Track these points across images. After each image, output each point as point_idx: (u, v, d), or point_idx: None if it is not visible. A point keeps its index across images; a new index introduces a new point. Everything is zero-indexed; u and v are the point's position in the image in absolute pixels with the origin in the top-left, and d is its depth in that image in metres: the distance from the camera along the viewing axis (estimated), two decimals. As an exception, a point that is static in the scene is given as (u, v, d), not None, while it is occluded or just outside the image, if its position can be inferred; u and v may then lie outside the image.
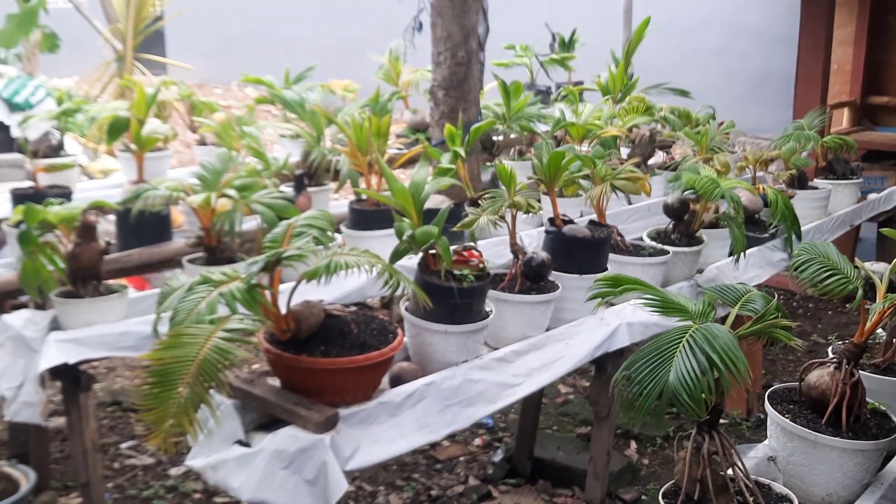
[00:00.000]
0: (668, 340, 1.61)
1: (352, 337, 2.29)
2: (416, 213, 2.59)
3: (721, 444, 1.72)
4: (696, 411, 1.57)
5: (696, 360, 1.55)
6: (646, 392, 1.58)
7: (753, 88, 8.50)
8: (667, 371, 1.55)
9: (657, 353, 1.60)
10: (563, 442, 3.79)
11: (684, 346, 1.57)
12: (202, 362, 1.94)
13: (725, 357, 1.54)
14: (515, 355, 2.74)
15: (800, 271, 1.93)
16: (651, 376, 1.57)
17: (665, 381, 1.55)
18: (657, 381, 1.56)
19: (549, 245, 3.04)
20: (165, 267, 3.85)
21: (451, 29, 4.51)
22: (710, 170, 3.52)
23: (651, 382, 1.57)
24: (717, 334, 1.58)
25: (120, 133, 3.70)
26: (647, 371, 1.58)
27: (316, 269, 2.10)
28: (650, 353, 1.61)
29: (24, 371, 2.84)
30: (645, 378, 1.58)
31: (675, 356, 1.56)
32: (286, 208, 3.08)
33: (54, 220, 2.91)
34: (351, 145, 3.73)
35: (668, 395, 1.57)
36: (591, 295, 1.96)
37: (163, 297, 2.28)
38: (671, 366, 1.55)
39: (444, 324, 2.53)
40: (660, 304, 1.80)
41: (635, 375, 1.60)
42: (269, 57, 10.70)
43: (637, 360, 1.63)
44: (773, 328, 1.74)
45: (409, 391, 2.42)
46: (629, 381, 1.61)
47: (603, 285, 1.91)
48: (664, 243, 3.46)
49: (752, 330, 1.75)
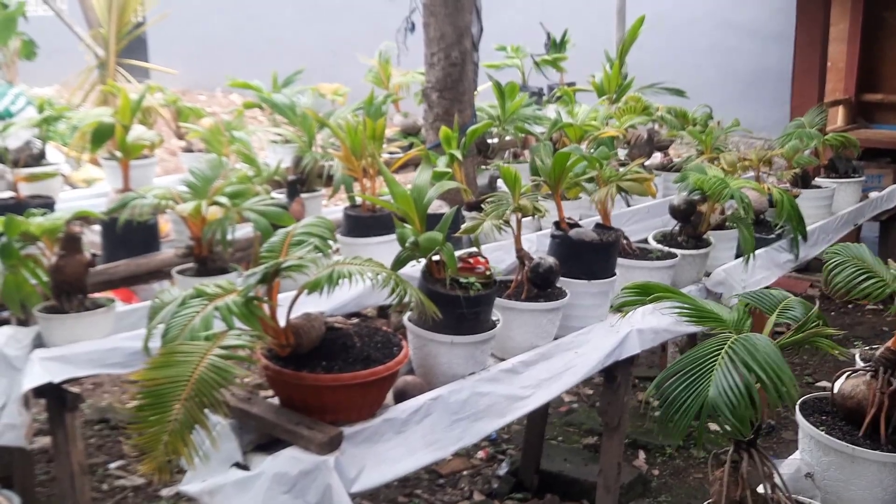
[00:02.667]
0: (704, 353, 1.49)
1: (355, 351, 2.17)
2: (419, 218, 2.46)
3: (761, 462, 1.60)
4: (740, 430, 1.46)
5: (738, 374, 1.43)
6: (683, 409, 1.45)
7: (746, 87, 8.43)
8: (705, 386, 1.43)
9: (693, 366, 1.48)
10: (569, 453, 3.67)
11: (724, 358, 1.45)
12: (198, 382, 1.81)
13: (770, 370, 1.42)
14: (524, 366, 2.62)
15: (834, 274, 1.81)
16: (688, 392, 1.45)
17: (704, 398, 1.43)
18: (695, 397, 1.44)
19: (555, 249, 2.92)
20: (153, 278, 3.71)
21: (445, 29, 4.40)
22: (717, 170, 3.42)
23: (688, 399, 1.45)
24: (758, 345, 1.46)
25: (104, 140, 3.55)
26: (683, 386, 1.46)
27: (318, 279, 1.97)
28: (685, 366, 1.49)
29: (6, 391, 2.70)
30: (681, 394, 1.46)
31: (715, 370, 1.44)
32: (280, 216, 2.94)
33: (37, 231, 2.77)
34: (345, 149, 3.60)
35: (708, 413, 1.44)
36: (619, 304, 1.84)
37: (154, 311, 2.15)
38: (710, 380, 1.43)
39: (451, 334, 2.41)
40: (694, 314, 1.68)
41: (669, 391, 1.48)
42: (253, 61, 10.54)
43: (670, 374, 1.51)
44: (817, 337, 1.62)
45: (415, 406, 2.30)
46: (662, 397, 1.48)
47: (631, 294, 1.79)
48: (671, 246, 3.35)
49: (794, 339, 1.64)
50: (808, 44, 6.25)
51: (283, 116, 4.13)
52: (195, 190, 3.03)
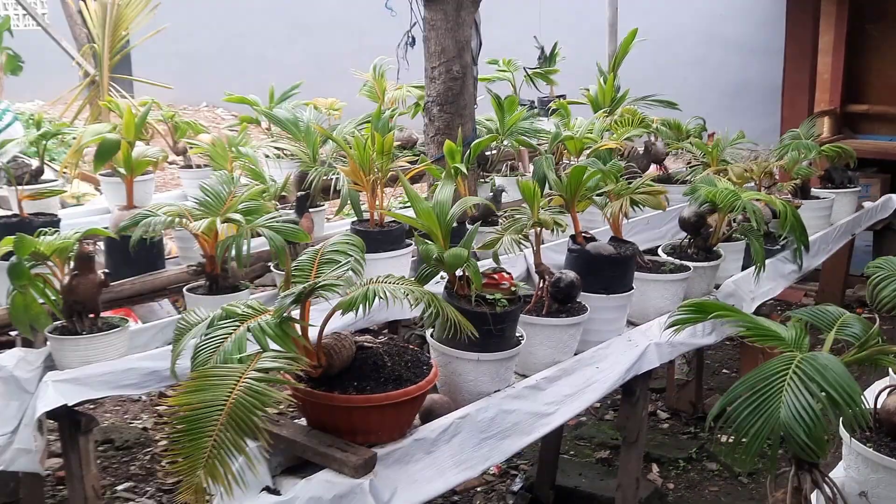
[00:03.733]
0: (769, 373, 1.48)
1: (386, 371, 2.14)
2: (443, 234, 2.44)
3: (825, 483, 1.58)
4: (816, 453, 1.44)
5: (809, 395, 1.41)
6: (753, 433, 1.43)
7: (731, 99, 8.50)
8: (775, 409, 1.41)
9: (759, 388, 1.46)
10: (584, 468, 3.65)
11: (792, 379, 1.44)
12: (235, 406, 1.77)
13: (841, 390, 1.41)
14: (547, 382, 2.60)
15: (880, 288, 1.81)
16: (756, 415, 1.44)
17: (776, 420, 1.41)
18: (765, 419, 1.42)
19: (572, 264, 2.91)
20: (159, 296, 3.67)
21: (446, 43, 4.39)
22: (726, 182, 3.43)
23: (757, 422, 1.43)
24: (827, 364, 1.45)
25: (109, 156, 3.50)
26: (750, 410, 1.45)
27: (352, 298, 1.95)
28: (750, 388, 1.47)
29: (17, 415, 2.64)
30: (749, 418, 1.44)
31: (783, 391, 1.43)
32: (296, 233, 2.92)
33: (47, 250, 2.72)
34: (352, 164, 3.58)
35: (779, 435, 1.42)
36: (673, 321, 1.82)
37: (180, 333, 2.11)
38: (780, 402, 1.41)
39: (477, 352, 2.38)
40: (754, 332, 1.67)
41: (736, 415, 1.46)
42: (237, 77, 10.53)
43: (734, 397, 1.49)
44: (881, 354, 1.62)
45: (444, 426, 2.27)
46: (727, 421, 1.46)
47: (688, 312, 1.78)
48: (681, 258, 3.35)
49: (858, 357, 1.63)
50: (797, 56, 6.31)
51: (285, 131, 4.09)
52: (207, 207, 2.99)
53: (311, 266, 2.13)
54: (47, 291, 2.77)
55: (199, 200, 3.04)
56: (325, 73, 9.74)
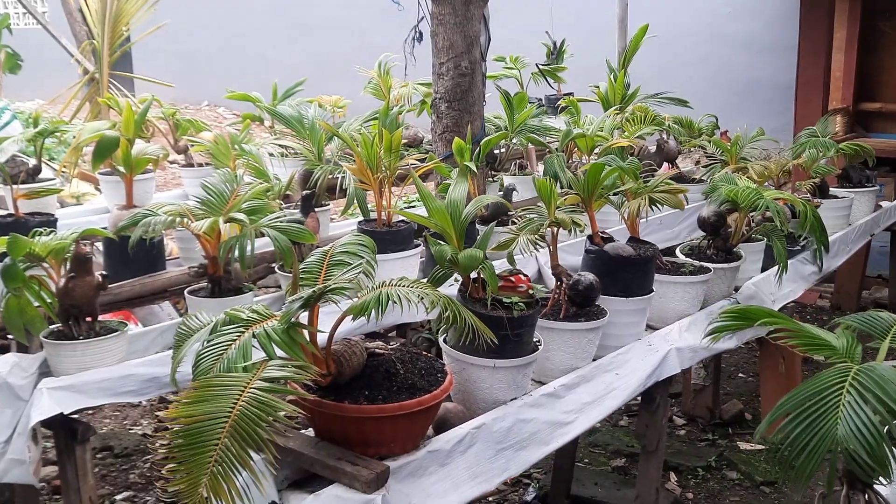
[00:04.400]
0: (823, 386, 1.37)
1: (399, 379, 2.02)
2: (457, 235, 2.33)
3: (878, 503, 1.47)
4: (878, 473, 1.33)
5: (869, 410, 1.30)
6: (809, 451, 1.31)
7: (739, 98, 8.37)
8: (832, 425, 1.30)
9: (813, 402, 1.35)
10: (599, 477, 3.53)
11: (849, 392, 1.32)
12: (239, 418, 1.66)
13: (906, 404, 1.29)
14: (565, 389, 2.49)
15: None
16: (810, 432, 1.32)
17: (833, 438, 1.29)
18: (821, 437, 1.30)
19: (590, 265, 2.80)
20: (159, 299, 3.55)
21: (454, 38, 4.28)
22: (747, 180, 3.31)
23: (812, 439, 1.31)
24: (885, 376, 1.33)
25: (108, 154, 3.38)
26: (805, 426, 1.33)
27: (365, 303, 1.83)
28: (803, 402, 1.36)
29: (10, 423, 2.52)
30: (802, 434, 1.33)
31: (840, 406, 1.31)
32: (302, 233, 2.80)
33: (42, 251, 2.60)
34: (359, 162, 3.46)
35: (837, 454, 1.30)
36: (716, 328, 1.70)
37: (181, 338, 2.00)
38: (836, 418, 1.30)
39: (493, 358, 2.27)
40: (803, 341, 1.55)
41: (788, 431, 1.34)
42: (237, 76, 10.41)
43: (786, 411, 1.37)
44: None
45: (459, 436, 2.15)
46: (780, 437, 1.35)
47: (729, 319, 1.66)
48: (700, 259, 3.23)
49: (919, 368, 1.51)
50: (811, 53, 6.19)
51: (290, 129, 3.98)
52: (209, 206, 2.88)
53: (319, 268, 2.02)
54: (43, 294, 2.66)
55: (201, 199, 2.92)
56: (325, 72, 9.62)
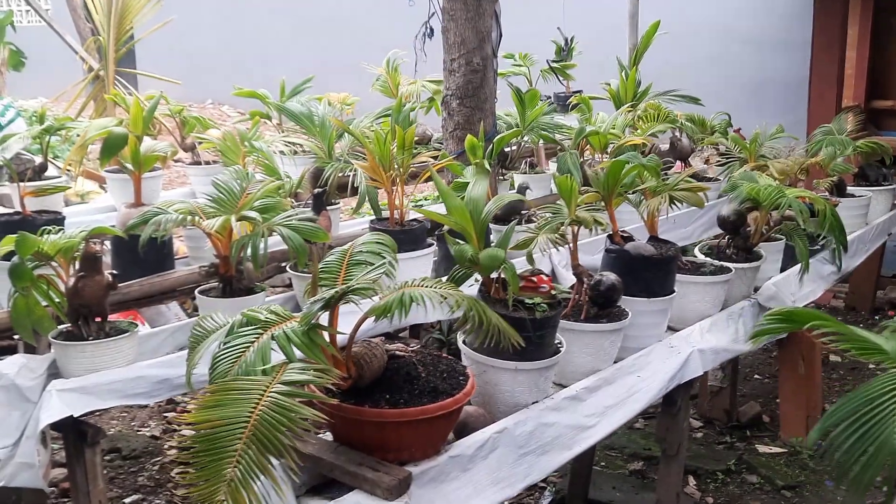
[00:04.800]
0: (877, 392, 1.30)
1: (420, 382, 1.96)
2: (477, 233, 2.26)
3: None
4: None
5: (929, 418, 1.24)
6: (865, 461, 1.25)
7: (749, 95, 8.30)
8: (889, 434, 1.24)
9: (867, 410, 1.29)
10: (616, 481, 3.47)
11: (906, 398, 1.26)
12: (259, 423, 1.60)
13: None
14: (587, 392, 2.43)
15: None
16: (866, 441, 1.26)
17: (889, 445, 1.23)
18: (878, 447, 1.24)
19: (610, 264, 2.73)
20: (168, 299, 3.49)
21: (466, 34, 4.22)
22: (768, 178, 3.25)
23: (867, 449, 1.25)
24: (945, 383, 1.27)
25: (116, 151, 3.32)
26: (859, 434, 1.27)
27: (387, 304, 1.77)
28: (856, 410, 1.30)
29: (19, 426, 2.46)
30: (857, 444, 1.26)
31: (895, 414, 1.25)
32: (315, 232, 2.74)
33: (51, 250, 2.54)
34: (371, 160, 3.40)
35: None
36: (761, 331, 1.64)
37: (195, 340, 1.94)
38: (893, 426, 1.24)
39: (514, 360, 2.20)
40: (854, 345, 1.49)
41: (841, 440, 1.28)
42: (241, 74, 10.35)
43: (838, 419, 1.31)
44: None
45: (481, 441, 2.09)
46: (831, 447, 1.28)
47: (774, 321, 1.60)
48: (719, 259, 3.17)
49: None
50: (825, 49, 6.12)
51: (299, 125, 3.92)
52: (221, 204, 2.82)
53: (339, 268, 1.96)
54: (51, 293, 2.60)
55: (211, 197, 2.87)
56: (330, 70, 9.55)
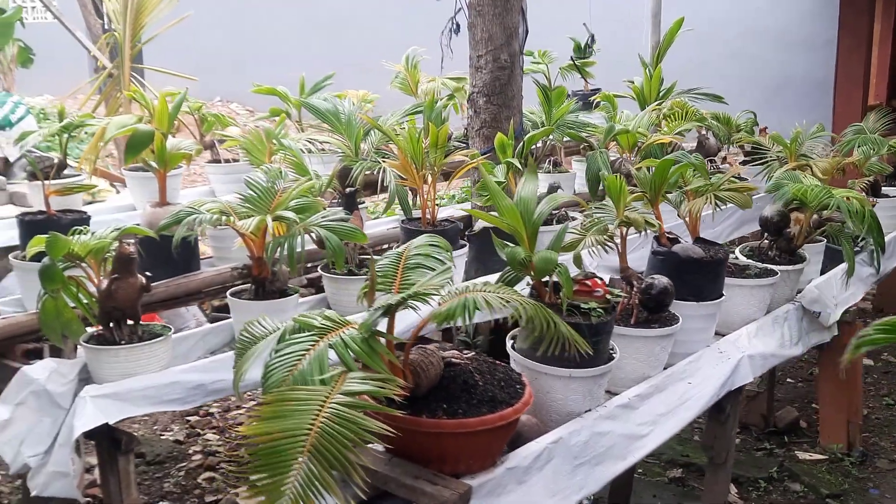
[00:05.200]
0: None
1: (478, 391, 1.88)
2: (529, 236, 2.18)
3: None
4: None
5: None
6: None
7: (771, 94, 8.21)
8: None
9: None
10: (657, 489, 3.38)
11: None
12: (320, 436, 1.52)
13: None
14: (639, 400, 2.34)
15: None
16: None
17: None
18: None
19: (658, 267, 2.65)
20: (194, 300, 3.41)
21: (493, 30, 4.13)
22: (811, 178, 3.16)
23: None
24: None
25: (141, 149, 3.24)
26: None
27: (450, 309, 1.69)
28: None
29: (50, 433, 2.38)
30: None
31: None
32: (353, 233, 2.66)
33: (82, 251, 2.46)
34: (403, 158, 3.32)
35: None
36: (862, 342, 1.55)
37: (243, 346, 1.86)
38: None
39: (569, 367, 2.12)
40: None
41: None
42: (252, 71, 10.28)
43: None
44: None
45: (536, 452, 2.01)
46: None
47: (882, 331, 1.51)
48: (762, 261, 3.09)
49: None
50: (852, 48, 6.04)
51: (325, 123, 3.83)
52: (254, 204, 2.73)
53: (395, 271, 1.87)
54: (80, 296, 2.52)
55: (244, 197, 2.78)
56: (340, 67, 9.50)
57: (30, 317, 2.83)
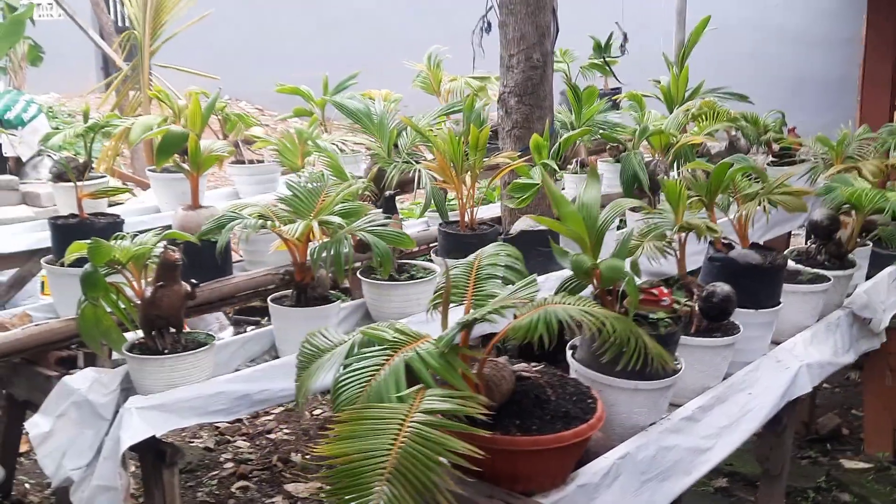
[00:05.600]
0: None
1: (551, 406, 1.80)
2: (594, 243, 2.10)
3: None
4: None
5: None
6: None
7: (790, 93, 8.12)
8: None
9: None
10: (703, 499, 3.30)
11: None
12: (402, 457, 1.44)
13: None
14: (702, 412, 2.27)
15: None
16: None
17: None
18: None
19: (715, 273, 2.57)
20: (227, 305, 3.34)
21: (525, 29, 4.05)
22: (862, 180, 3.09)
23: None
24: None
25: (174, 151, 3.16)
26: None
27: (530, 322, 1.61)
28: None
29: (92, 445, 2.31)
30: None
31: None
32: (401, 238, 2.59)
33: (123, 257, 2.39)
34: (441, 159, 3.25)
35: None
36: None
37: (307, 359, 1.79)
38: None
39: (634, 379, 2.05)
40: None
41: None
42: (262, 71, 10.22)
43: None
44: None
45: (605, 468, 1.94)
46: None
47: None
48: (811, 266, 3.01)
49: None
50: (879, 47, 5.96)
51: (358, 124, 3.75)
52: (296, 208, 2.66)
53: (466, 282, 1.80)
54: (120, 303, 2.44)
55: (285, 200, 2.71)
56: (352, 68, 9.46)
57: (63, 323, 2.77)
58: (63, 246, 2.89)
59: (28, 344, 2.66)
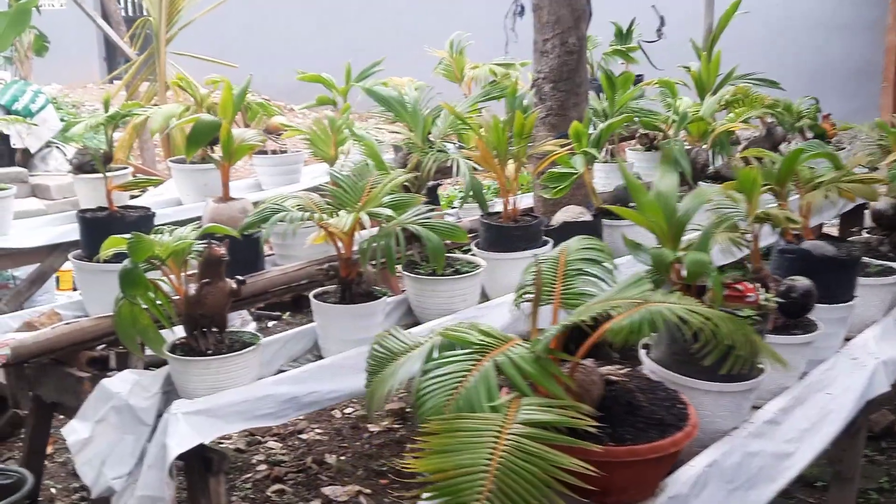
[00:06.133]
0: None
1: (643, 413, 1.67)
2: (673, 235, 1.96)
3: None
4: None
5: None
6: None
7: (808, 80, 7.97)
8: None
9: None
10: (762, 501, 3.18)
11: None
12: (503, 474, 1.31)
13: None
14: (783, 414, 2.14)
15: None
16: None
17: None
18: None
19: (786, 266, 2.43)
20: (260, 300, 3.21)
21: (560, 12, 3.91)
22: (926, 168, 2.95)
23: None
24: None
25: (205, 140, 3.02)
26: None
27: (632, 323, 1.47)
28: None
29: (133, 452, 2.18)
30: None
31: None
32: (453, 232, 2.45)
33: (163, 253, 2.25)
34: (483, 148, 3.10)
35: None
36: None
37: (378, 363, 1.66)
38: None
39: (718, 381, 1.91)
40: None
41: None
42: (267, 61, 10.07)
43: None
44: None
45: (693, 477, 1.80)
46: None
47: None
48: (875, 258, 2.88)
49: None
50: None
51: (390, 111, 3.60)
52: (342, 200, 2.52)
53: (553, 279, 1.66)
54: (157, 301, 2.30)
55: (329, 192, 2.57)
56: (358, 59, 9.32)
57: (94, 322, 2.63)
58: (92, 240, 2.76)
59: (58, 344, 2.52)
